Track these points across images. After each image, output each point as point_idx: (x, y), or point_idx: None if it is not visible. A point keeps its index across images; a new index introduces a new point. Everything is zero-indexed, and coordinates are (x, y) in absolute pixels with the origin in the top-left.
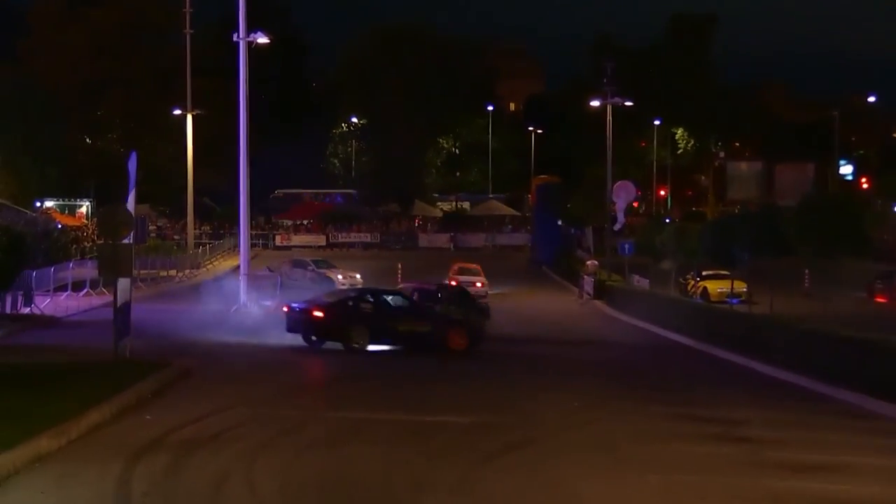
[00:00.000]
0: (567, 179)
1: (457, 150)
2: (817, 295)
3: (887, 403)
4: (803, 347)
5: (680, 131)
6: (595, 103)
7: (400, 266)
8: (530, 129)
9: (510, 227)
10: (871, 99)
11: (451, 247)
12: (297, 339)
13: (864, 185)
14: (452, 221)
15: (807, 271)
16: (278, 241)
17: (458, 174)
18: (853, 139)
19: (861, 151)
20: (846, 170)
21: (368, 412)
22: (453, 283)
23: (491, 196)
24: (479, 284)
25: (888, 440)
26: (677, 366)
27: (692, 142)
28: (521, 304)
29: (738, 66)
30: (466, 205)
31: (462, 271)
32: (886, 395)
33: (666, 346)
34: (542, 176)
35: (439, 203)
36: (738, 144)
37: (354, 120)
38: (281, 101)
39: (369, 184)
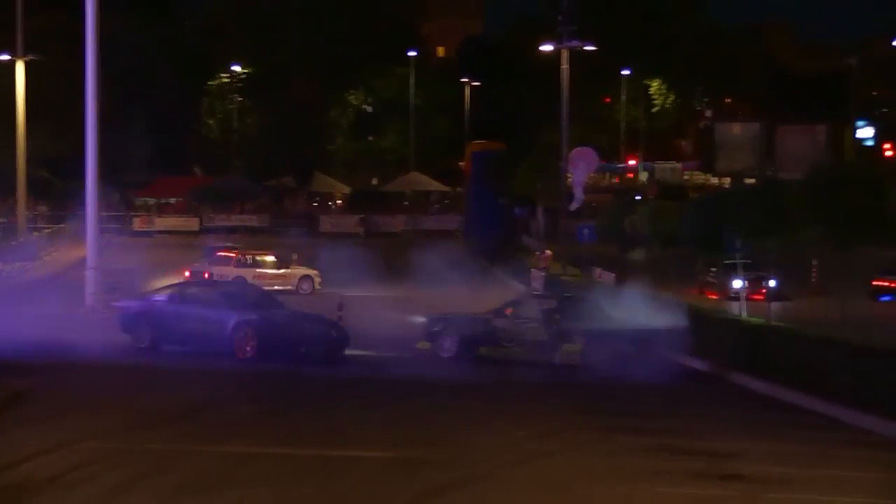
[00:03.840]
0: (512, 146)
1: (369, 109)
2: (827, 291)
3: None
4: (814, 361)
5: (656, 84)
6: (547, 48)
7: (295, 257)
8: (464, 81)
9: (438, 206)
10: None
11: (362, 232)
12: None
13: (888, 152)
14: (363, 200)
15: (815, 262)
16: (137, 225)
17: (370, 139)
18: (874, 94)
19: (885, 109)
20: (865, 133)
21: (255, 445)
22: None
23: (413, 167)
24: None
25: None
26: (653, 384)
27: (671, 98)
28: (452, 306)
29: (731, 1)
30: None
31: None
32: None
33: (637, 358)
34: (480, 141)
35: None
36: (729, 101)
37: (237, 69)
38: (142, 44)
39: (256, 151)
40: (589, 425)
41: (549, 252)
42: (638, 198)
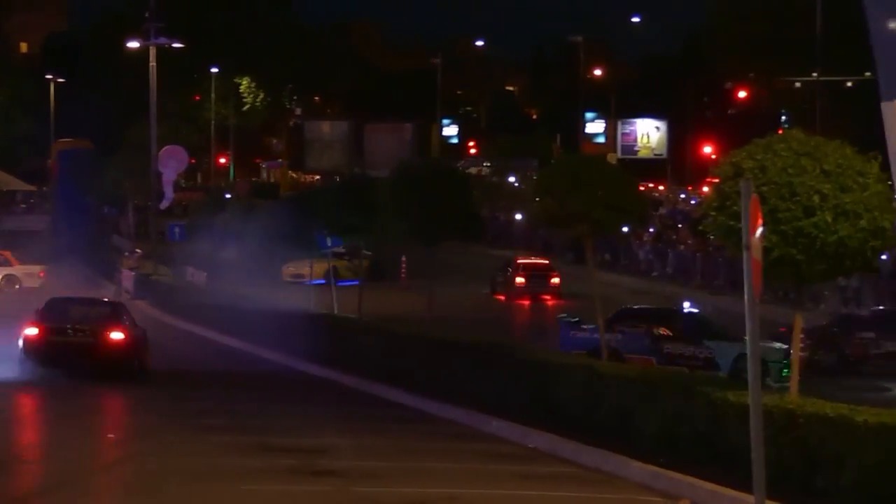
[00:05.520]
0: (101, 144)
1: None
2: (418, 288)
3: (504, 422)
4: (404, 357)
5: (245, 82)
6: (134, 45)
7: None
8: (49, 78)
9: (24, 206)
10: (479, 43)
11: None
12: None
13: (472, 150)
14: None
15: (403, 259)
16: None
17: None
18: (459, 93)
19: (468, 108)
20: (450, 131)
21: None
22: None
23: None
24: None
25: (506, 466)
26: (244, 382)
27: (261, 96)
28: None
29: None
30: None
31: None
32: (503, 411)
33: (229, 357)
34: (67, 139)
35: None
36: (318, 100)
37: None
38: None
39: None
40: (182, 425)
41: (139, 251)
42: (228, 196)
